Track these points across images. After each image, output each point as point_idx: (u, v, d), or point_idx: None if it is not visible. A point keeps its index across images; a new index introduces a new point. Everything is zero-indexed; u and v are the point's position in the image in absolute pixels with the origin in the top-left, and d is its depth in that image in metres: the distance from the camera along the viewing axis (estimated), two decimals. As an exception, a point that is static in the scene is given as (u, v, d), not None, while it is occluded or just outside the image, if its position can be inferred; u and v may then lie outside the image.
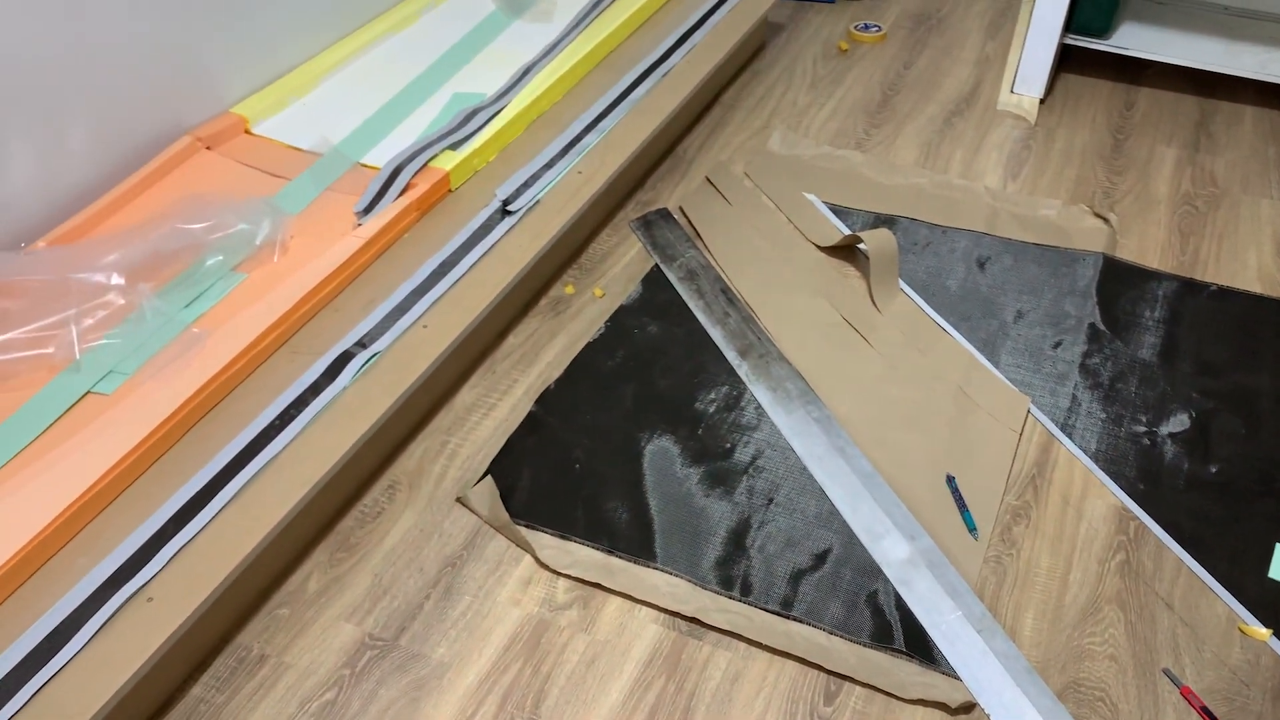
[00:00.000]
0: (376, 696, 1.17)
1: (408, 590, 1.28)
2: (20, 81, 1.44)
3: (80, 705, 1.00)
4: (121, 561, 1.12)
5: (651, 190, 1.97)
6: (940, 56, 2.38)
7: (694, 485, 1.40)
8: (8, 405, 1.27)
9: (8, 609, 1.09)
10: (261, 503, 1.19)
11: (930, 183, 1.96)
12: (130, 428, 1.23)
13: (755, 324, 1.63)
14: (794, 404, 1.49)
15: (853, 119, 2.16)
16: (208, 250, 1.45)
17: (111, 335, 1.34)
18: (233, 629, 1.23)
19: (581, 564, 1.30)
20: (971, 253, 1.80)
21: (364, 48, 1.98)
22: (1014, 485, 1.42)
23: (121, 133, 1.61)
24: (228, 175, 1.65)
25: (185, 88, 1.70)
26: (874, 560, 1.30)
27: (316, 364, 1.36)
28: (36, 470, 1.19)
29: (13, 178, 1.46)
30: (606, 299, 1.72)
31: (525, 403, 1.53)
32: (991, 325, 1.65)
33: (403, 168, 1.65)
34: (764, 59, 2.37)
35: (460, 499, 1.39)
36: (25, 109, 1.45)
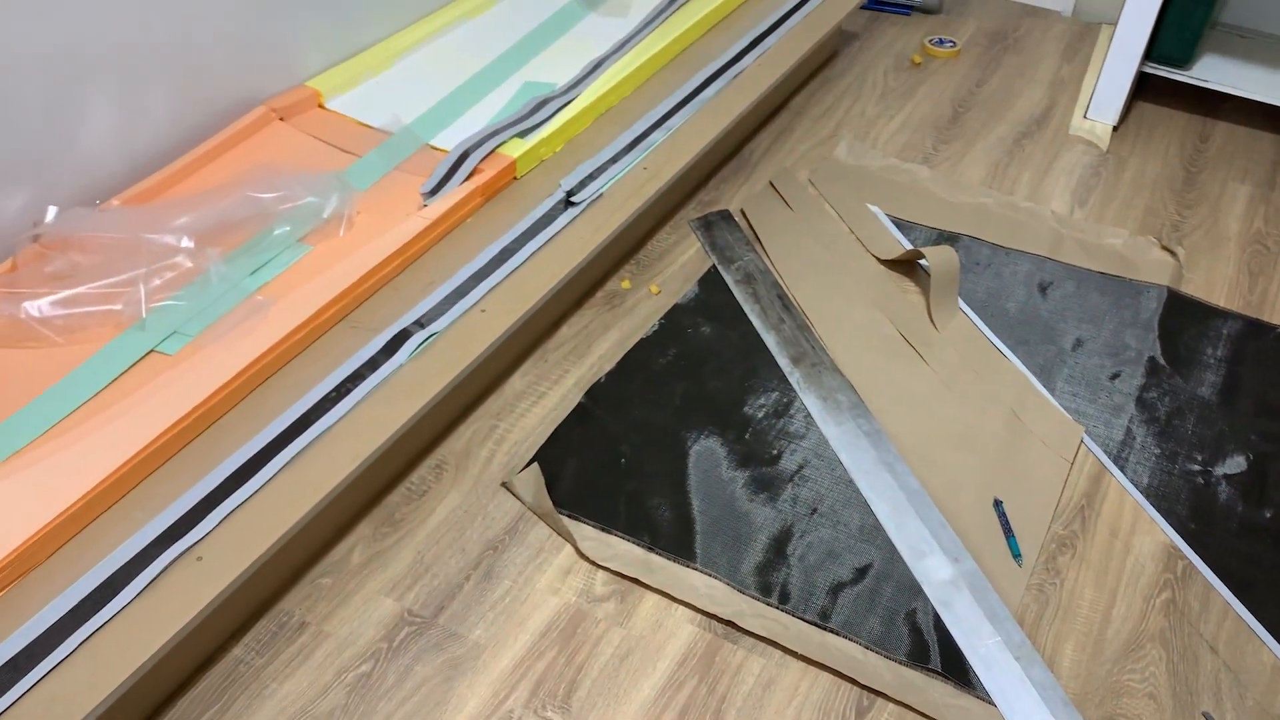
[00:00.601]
0: (411, 672, 1.18)
1: (449, 570, 1.29)
2: (109, 44, 1.47)
3: (126, 657, 1.02)
4: (174, 519, 1.14)
5: (714, 190, 1.97)
6: (1014, 76, 2.35)
7: (738, 489, 1.39)
8: (74, 358, 1.30)
9: (63, 556, 1.11)
10: (313, 472, 1.21)
11: (996, 203, 1.94)
12: (190, 389, 1.25)
13: (810, 332, 1.63)
14: (844, 415, 1.49)
15: (921, 133, 2.15)
16: (276, 220, 1.47)
17: (178, 297, 1.36)
18: (276, 594, 1.25)
19: (621, 558, 1.30)
20: (1033, 276, 1.78)
21: (441, 30, 2.00)
22: (1062, 514, 1.40)
23: (200, 99, 1.64)
24: (299, 147, 1.68)
25: (263, 58, 1.73)
26: (915, 578, 1.29)
27: (375, 340, 1.37)
28: (98, 423, 1.21)
29: (95, 136, 1.49)
30: (662, 296, 1.72)
31: (575, 394, 1.54)
32: (1049, 351, 1.63)
33: (470, 152, 1.66)
34: (835, 67, 2.36)
35: (505, 484, 1.40)
36: (112, 71, 1.48)
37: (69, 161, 1.47)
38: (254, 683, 1.16)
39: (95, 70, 1.46)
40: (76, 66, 1.44)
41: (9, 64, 1.35)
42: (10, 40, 1.34)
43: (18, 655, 1.01)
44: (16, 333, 1.31)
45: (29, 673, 1.00)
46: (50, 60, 1.40)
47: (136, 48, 1.51)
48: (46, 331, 1.31)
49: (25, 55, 1.37)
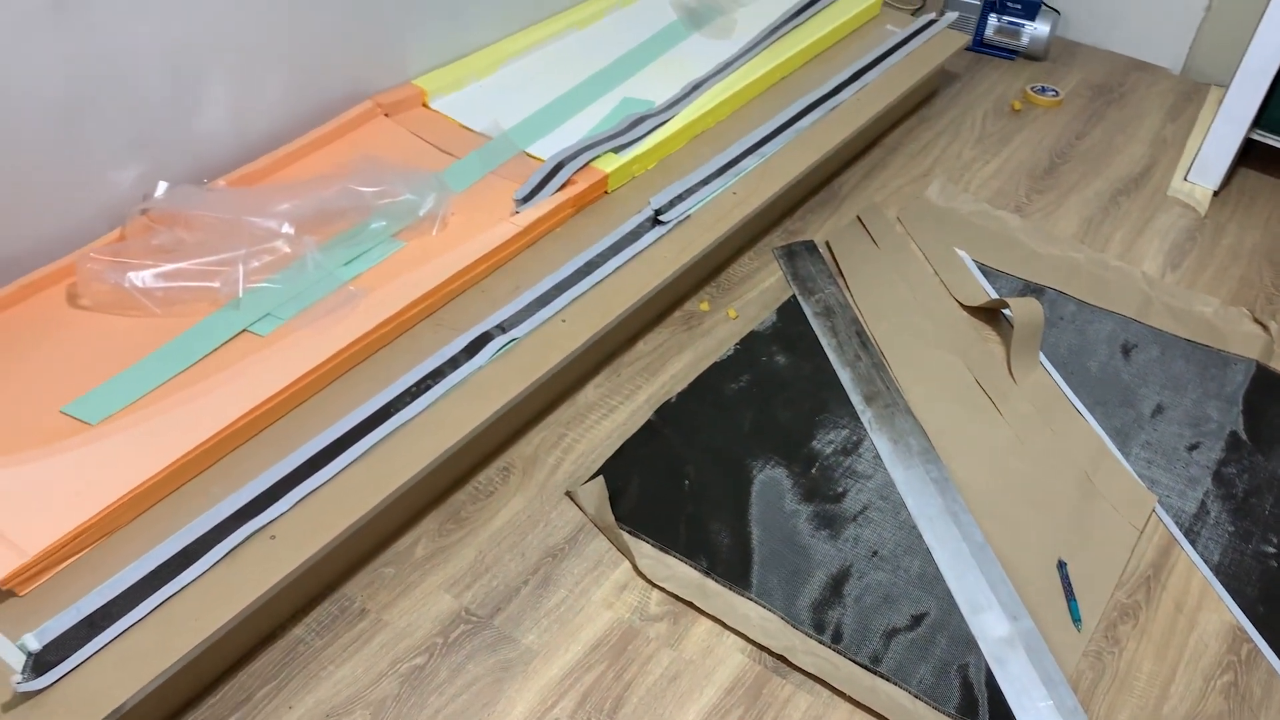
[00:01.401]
0: (464, 670, 1.20)
1: (508, 572, 1.31)
2: (232, 31, 1.52)
3: (196, 625, 1.06)
4: (252, 497, 1.18)
5: (800, 220, 1.97)
6: (1115, 131, 2.32)
7: (800, 523, 1.40)
8: (170, 330, 1.35)
9: (144, 521, 1.15)
10: (388, 463, 1.24)
11: (1086, 259, 1.92)
12: (278, 371, 1.29)
13: (886, 372, 1.62)
14: (913, 460, 1.48)
15: (1015, 181, 2.13)
16: (373, 214, 1.51)
17: (273, 280, 1.40)
18: (340, 578, 1.28)
19: (678, 579, 1.31)
20: (1118, 337, 1.75)
21: (547, 39, 2.03)
22: (1126, 582, 1.38)
23: (311, 89, 1.69)
24: (401, 144, 1.72)
25: (374, 55, 1.77)
26: (971, 632, 1.28)
27: (458, 339, 1.40)
28: (187, 396, 1.26)
29: (210, 117, 1.55)
30: (739, 321, 1.73)
31: (645, 411, 1.55)
32: (1127, 415, 1.61)
33: (565, 163, 1.69)
34: (934, 106, 2.35)
35: (570, 493, 1.42)
36: (232, 57, 1.54)
37: (183, 140, 1.53)
38: (312, 663, 1.19)
39: (216, 55, 1.51)
40: (199, 50, 1.49)
41: (137, 45, 1.41)
42: (140, 23, 1.40)
43: (95, 613, 1.05)
44: (119, 300, 1.36)
45: (104, 630, 1.04)
46: (175, 43, 1.46)
47: (256, 36, 1.56)
48: (147, 302, 1.36)
49: (153, 38, 1.43)
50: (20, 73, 1.30)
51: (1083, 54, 2.62)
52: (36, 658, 1.01)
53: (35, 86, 1.32)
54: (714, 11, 2.22)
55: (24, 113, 1.32)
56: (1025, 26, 2.51)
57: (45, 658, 1.01)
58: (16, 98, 1.31)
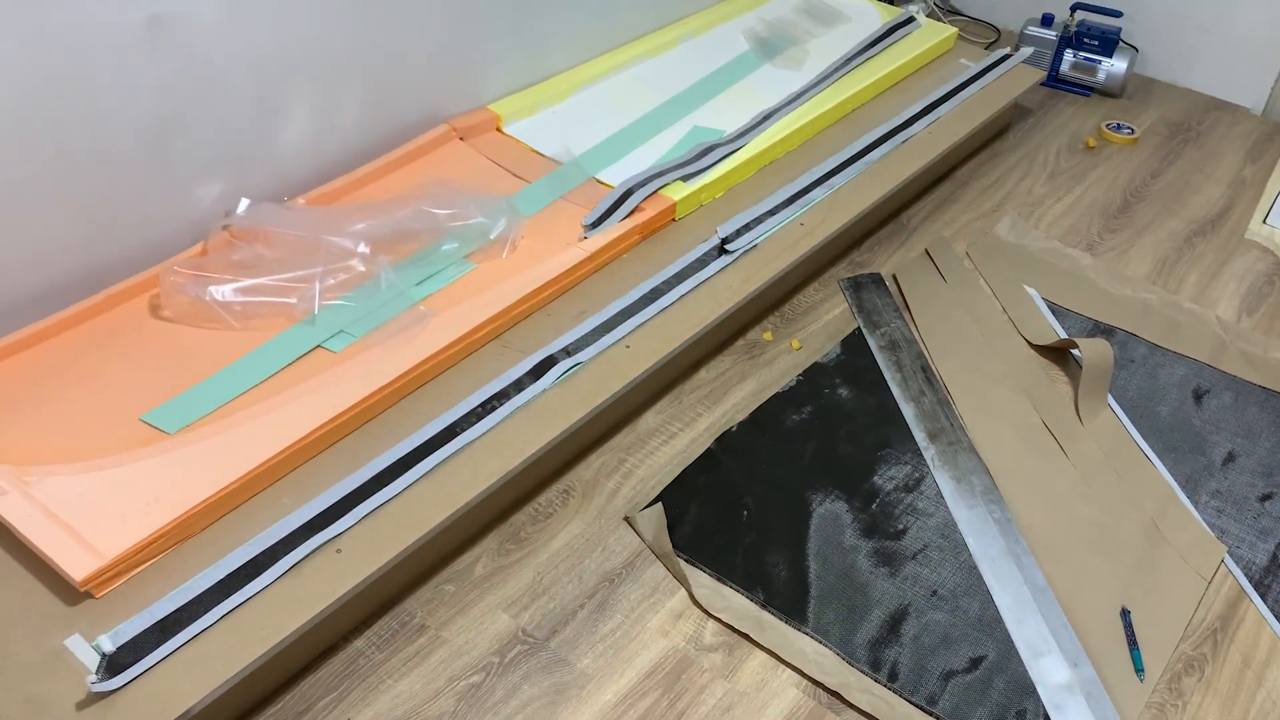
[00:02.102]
0: (519, 691, 1.21)
1: (565, 595, 1.32)
2: (315, 55, 1.57)
3: (263, 634, 1.08)
4: (320, 510, 1.20)
5: (867, 252, 1.97)
6: (1192, 171, 2.28)
7: (859, 559, 1.39)
8: (247, 343, 1.39)
9: (216, 531, 1.18)
10: (453, 482, 1.26)
11: (1159, 300, 1.89)
12: (350, 388, 1.32)
13: (950, 409, 1.61)
14: (976, 499, 1.47)
15: (1088, 219, 2.10)
16: (446, 236, 1.54)
17: (348, 298, 1.44)
18: (401, 594, 1.30)
19: (734, 610, 1.31)
20: (1189, 382, 1.72)
21: (619, 67, 2.06)
22: (1192, 634, 1.35)
23: (389, 111, 1.73)
24: (474, 167, 1.75)
25: (451, 79, 1.81)
26: (1030, 678, 1.26)
27: (523, 362, 1.42)
28: (262, 409, 1.29)
29: (292, 137, 1.59)
30: (803, 352, 1.73)
31: (705, 439, 1.56)
32: (1198, 462, 1.58)
33: (634, 190, 1.71)
34: (1006, 141, 2.33)
35: (628, 519, 1.43)
36: (313, 79, 1.58)
37: (265, 158, 1.58)
38: (371, 676, 1.21)
39: (300, 77, 1.56)
40: (284, 72, 1.54)
41: (226, 66, 1.46)
42: (230, 46, 1.45)
43: (167, 618, 1.08)
44: (200, 313, 1.40)
45: (175, 635, 1.07)
46: (262, 65, 1.51)
47: (339, 59, 1.60)
48: (226, 315, 1.40)
49: (241, 60, 1.48)
50: (117, 92, 1.35)
51: (1160, 91, 2.58)
52: (110, 659, 1.04)
53: (130, 105, 1.37)
54: (786, 42, 2.23)
55: (118, 130, 1.38)
56: (1102, 63, 2.48)
57: (118, 659, 1.04)
58: (112, 116, 1.36)
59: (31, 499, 1.15)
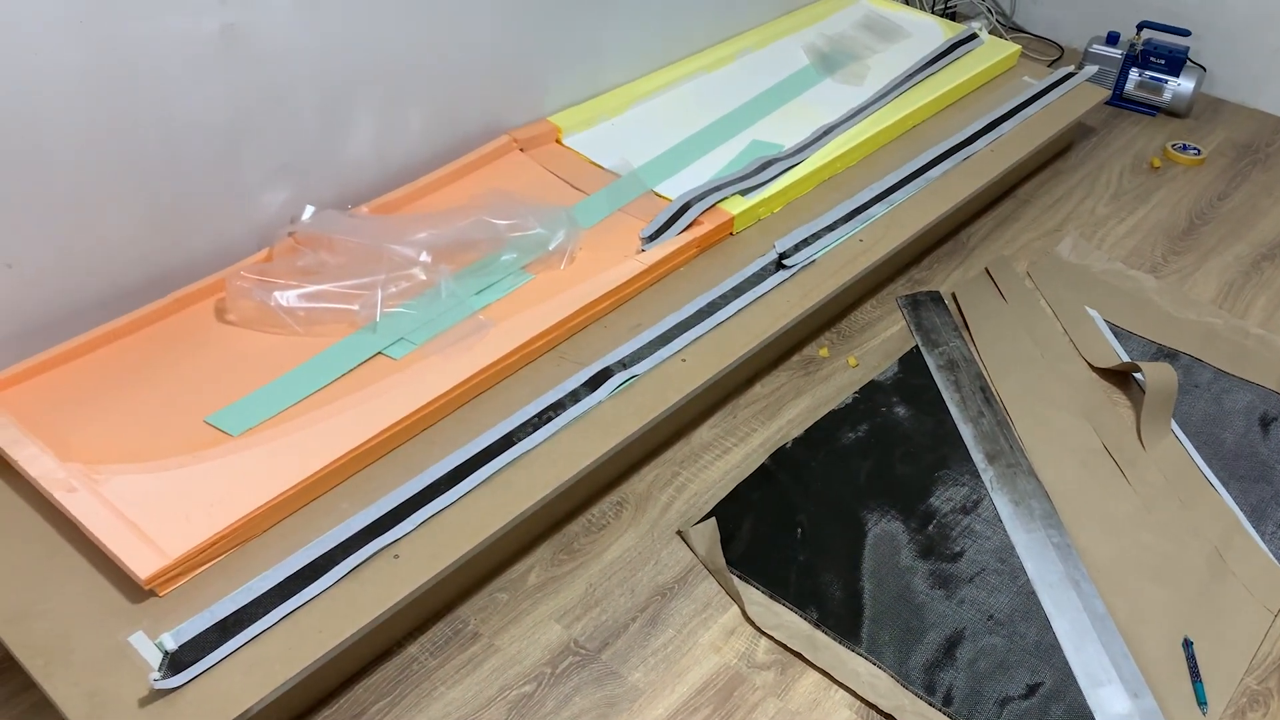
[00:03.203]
0: (570, 702, 1.21)
1: (617, 607, 1.32)
2: (381, 65, 1.59)
3: (321, 637, 1.10)
4: (379, 515, 1.21)
5: (926, 270, 1.95)
6: (1260, 194, 2.24)
7: (915, 580, 1.37)
8: (310, 348, 1.40)
9: (277, 533, 1.20)
10: (509, 491, 1.27)
11: (1225, 325, 1.85)
12: (410, 394, 1.33)
13: (1009, 430, 1.59)
14: (1035, 523, 1.44)
15: (1152, 240, 2.07)
16: (505, 246, 1.55)
17: (409, 306, 1.45)
18: (455, 601, 1.31)
19: (787, 629, 1.30)
20: (1256, 409, 1.68)
21: (678, 80, 2.07)
22: (1257, 668, 1.32)
23: (452, 122, 1.75)
24: (534, 178, 1.76)
25: (512, 91, 1.83)
26: (1089, 707, 1.24)
27: (579, 373, 1.43)
28: (323, 414, 1.31)
29: (356, 146, 1.62)
30: (859, 370, 1.72)
31: (760, 454, 1.55)
32: (1264, 491, 1.54)
33: (692, 204, 1.71)
34: (1069, 160, 2.30)
35: (681, 533, 1.43)
36: (380, 89, 1.60)
37: (330, 166, 1.60)
38: (424, 682, 1.22)
39: (365, 87, 1.58)
40: (349, 83, 1.56)
41: (295, 76, 1.49)
42: (298, 56, 1.48)
43: (227, 618, 1.10)
44: (264, 318, 1.43)
45: (235, 636, 1.09)
46: (328, 76, 1.53)
47: (403, 70, 1.63)
48: (290, 321, 1.43)
49: (309, 69, 1.50)
50: (189, 101, 1.38)
51: (1228, 112, 2.54)
52: (172, 657, 1.06)
53: (201, 113, 1.40)
54: (846, 57, 2.22)
55: (190, 138, 1.40)
56: (1168, 82, 2.44)
57: (180, 658, 1.06)
58: (183, 123, 1.39)
59: (100, 497, 1.17)
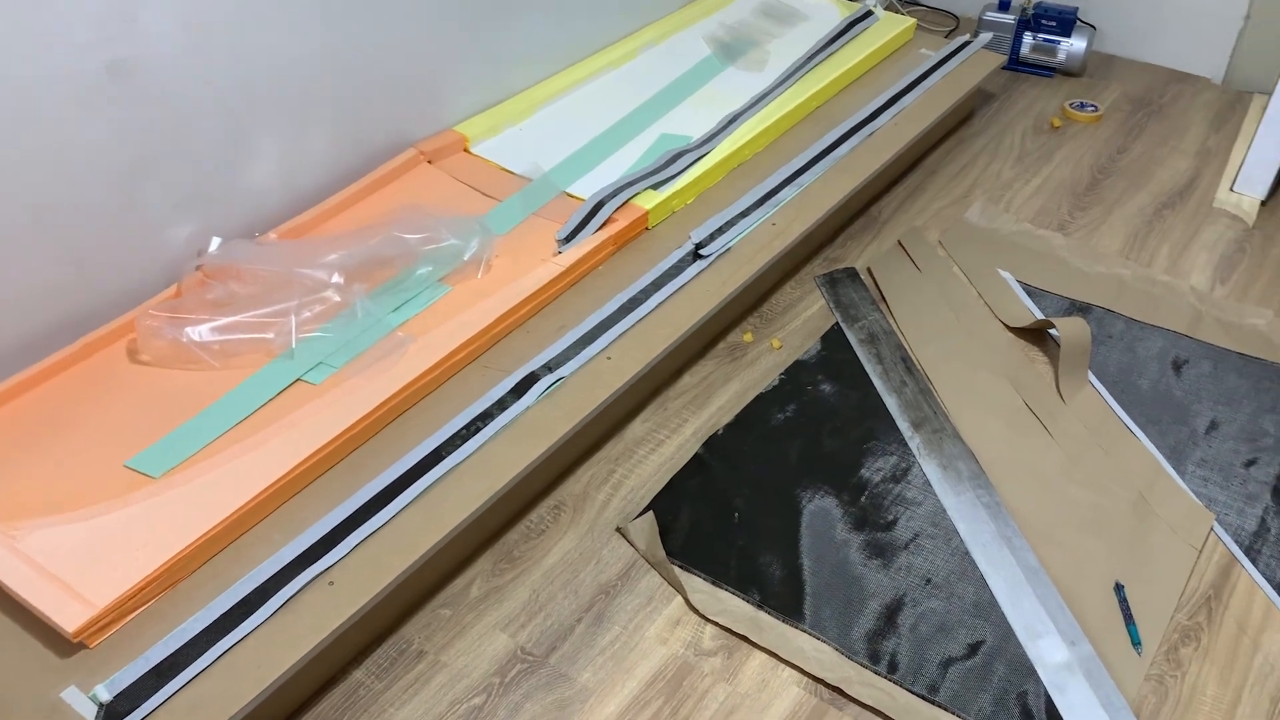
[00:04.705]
0: (521, 709, 1.21)
1: (562, 611, 1.32)
2: (279, 90, 1.57)
3: (260, 672, 1.08)
4: (310, 543, 1.20)
5: (841, 248, 1.98)
6: (1157, 144, 2.30)
7: (851, 553, 1.39)
8: (227, 382, 1.38)
9: (207, 572, 1.18)
10: (442, 506, 1.26)
11: (1132, 275, 1.90)
12: (332, 419, 1.32)
13: (932, 397, 1.62)
14: (964, 485, 1.47)
15: (1057, 199, 2.11)
16: (420, 260, 1.55)
17: (325, 329, 1.44)
18: (398, 621, 1.30)
19: (731, 613, 1.32)
20: (1168, 353, 1.73)
21: (583, 80, 2.07)
22: (1186, 604, 1.36)
23: (356, 139, 1.73)
24: (444, 190, 1.75)
25: (416, 103, 1.82)
26: (1029, 659, 1.27)
27: (505, 381, 1.42)
28: (246, 447, 1.29)
29: (260, 172, 1.59)
30: (783, 351, 1.74)
31: (693, 444, 1.56)
32: (1181, 432, 1.59)
33: (605, 201, 1.71)
34: (972, 126, 2.35)
35: (620, 530, 1.43)
36: (279, 112, 1.58)
37: (235, 196, 1.58)
38: (372, 705, 1.21)
39: (264, 112, 1.56)
40: (247, 109, 1.54)
41: (191, 107, 1.46)
42: (194, 85, 1.45)
43: (162, 663, 1.08)
44: (178, 355, 1.40)
45: (172, 680, 1.07)
46: (226, 103, 1.51)
47: (302, 91, 1.61)
48: (204, 355, 1.40)
49: (206, 99, 1.48)
50: (83, 141, 1.35)
51: (1121, 67, 2.60)
52: (108, 708, 1.04)
53: (97, 152, 1.37)
54: (747, 44, 2.24)
55: (87, 178, 1.37)
56: (1061, 43, 2.50)
57: (116, 708, 1.04)
58: (80, 164, 1.36)
59: (18, 553, 1.14)
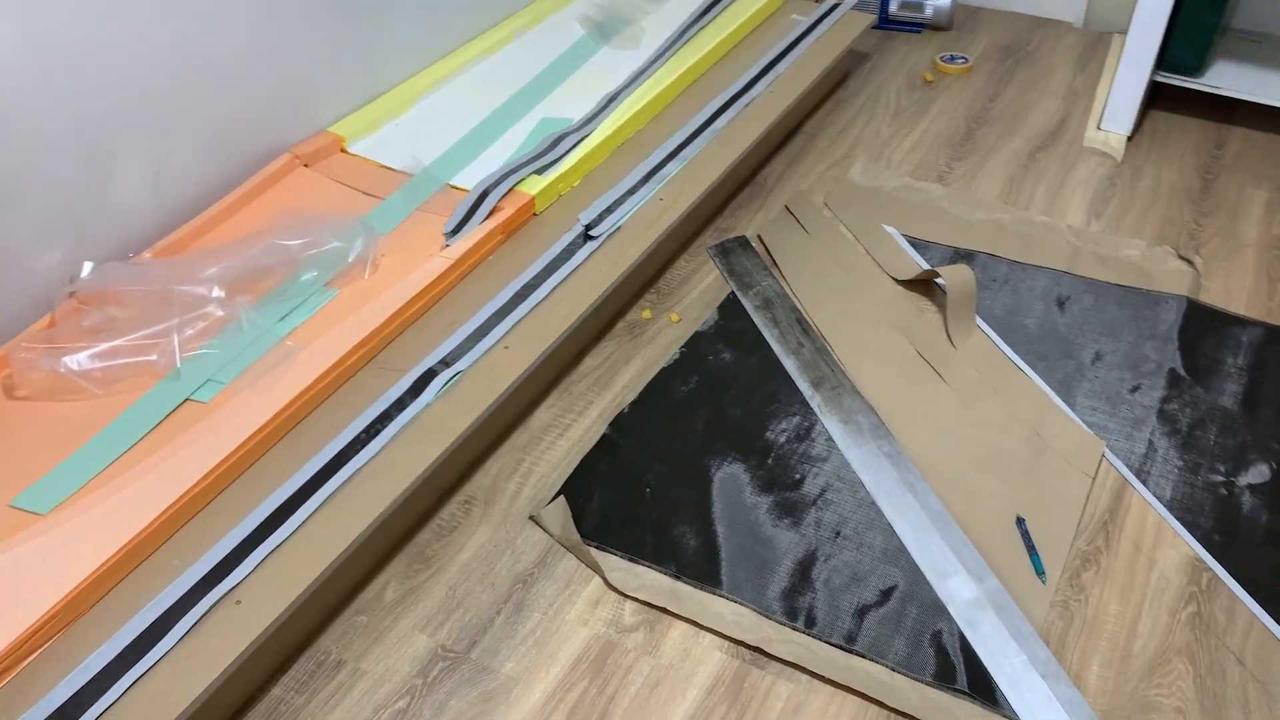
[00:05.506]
0: (446, 707, 1.21)
1: (480, 604, 1.32)
2: (140, 103, 1.52)
3: (170, 701, 1.06)
4: (213, 564, 1.18)
5: (731, 217, 2.00)
6: (1026, 90, 2.37)
7: (762, 514, 1.41)
8: (112, 409, 1.34)
9: (106, 605, 1.15)
10: (346, 513, 1.24)
11: (1011, 219, 1.96)
12: (226, 436, 1.29)
13: (829, 355, 1.65)
14: (865, 438, 1.51)
15: (935, 151, 2.16)
16: (303, 266, 1.52)
17: (210, 345, 1.40)
18: (313, 633, 1.28)
19: (649, 587, 1.33)
20: (1051, 291, 1.79)
21: (458, 70, 2.04)
22: (1085, 530, 1.41)
23: (226, 149, 1.69)
24: (324, 192, 1.72)
25: (287, 107, 1.77)
26: (940, 599, 1.31)
27: (401, 380, 1.41)
28: (137, 473, 1.25)
29: (126, 191, 1.54)
30: (682, 325, 1.75)
31: (599, 425, 1.56)
32: (1068, 366, 1.64)
33: (490, 191, 1.70)
34: (848, 88, 2.39)
35: (533, 517, 1.43)
36: (142, 125, 1.53)
37: (102, 217, 1.52)
38: (294, 721, 1.20)
39: (126, 127, 1.51)
40: (109, 127, 1.49)
41: (46, 131, 1.41)
42: (47, 109, 1.40)
43: (66, 703, 1.05)
44: (57, 386, 1.35)
45: (78, 719, 1.04)
46: (84, 123, 1.45)
47: (165, 103, 1.56)
48: (85, 384, 1.36)
49: (62, 122, 1.42)
50: (-74, 173, 1.29)
51: (986, 18, 2.67)
52: (13, 756, 1.00)
53: (-56, 185, 1.32)
54: (620, 22, 2.24)
55: (-64, 212, 1.32)
56: (927, -2, 2.55)
57: (22, 754, 1.01)
58: (-74, 198, 1.30)
59: (-97, 608, 1.10)
